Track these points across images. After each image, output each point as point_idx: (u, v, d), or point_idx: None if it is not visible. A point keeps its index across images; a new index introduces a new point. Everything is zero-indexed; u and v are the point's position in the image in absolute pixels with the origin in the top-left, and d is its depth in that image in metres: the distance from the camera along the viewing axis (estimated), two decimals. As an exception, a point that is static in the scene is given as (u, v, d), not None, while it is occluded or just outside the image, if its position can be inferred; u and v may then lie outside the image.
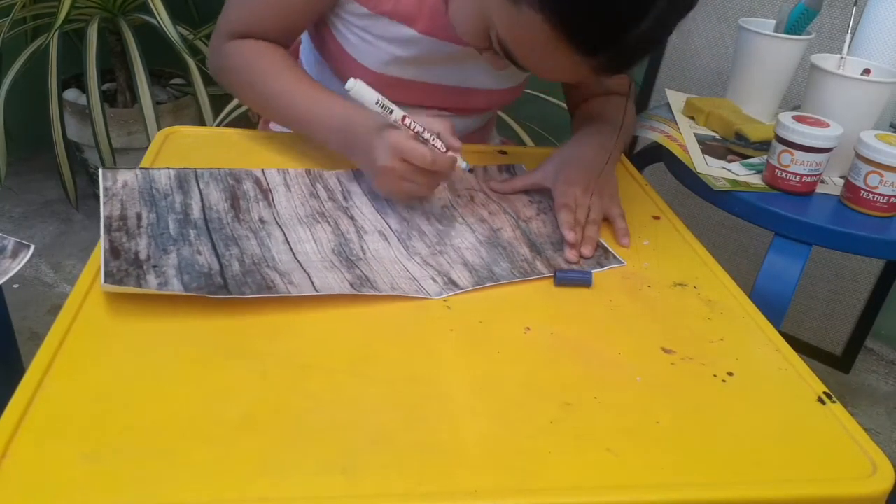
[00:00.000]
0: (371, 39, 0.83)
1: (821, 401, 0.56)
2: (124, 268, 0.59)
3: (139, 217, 0.67)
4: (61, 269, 1.80)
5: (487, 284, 0.65)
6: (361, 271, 0.64)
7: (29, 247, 0.90)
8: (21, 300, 1.64)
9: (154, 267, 0.60)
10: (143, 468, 0.43)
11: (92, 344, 0.53)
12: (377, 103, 0.67)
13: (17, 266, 0.87)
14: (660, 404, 0.54)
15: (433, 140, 0.69)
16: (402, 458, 0.46)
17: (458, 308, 0.62)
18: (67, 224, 1.99)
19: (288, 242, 0.67)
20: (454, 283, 0.65)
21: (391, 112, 0.67)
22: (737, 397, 0.56)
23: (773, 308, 0.75)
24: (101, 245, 0.61)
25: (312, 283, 0.61)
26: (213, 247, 0.64)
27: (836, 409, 0.56)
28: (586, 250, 0.72)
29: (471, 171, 0.74)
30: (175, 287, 0.57)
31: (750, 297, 0.69)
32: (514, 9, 0.61)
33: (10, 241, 0.91)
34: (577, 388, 0.54)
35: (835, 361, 1.63)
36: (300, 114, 0.79)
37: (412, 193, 0.72)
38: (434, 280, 0.65)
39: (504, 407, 0.52)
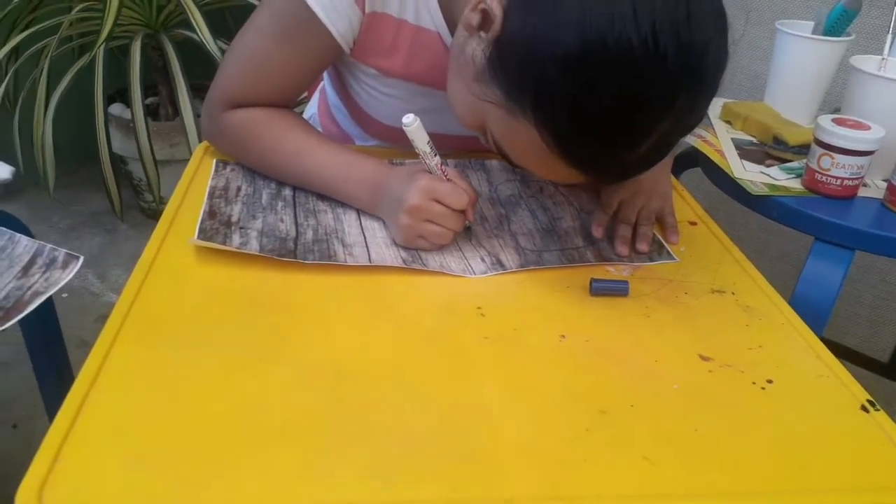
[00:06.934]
0: (382, 98, 0.83)
1: (864, 409, 0.55)
2: (215, 227, 0.69)
3: (239, 189, 0.77)
4: (107, 278, 1.85)
5: (532, 268, 0.68)
6: (417, 248, 0.69)
7: (78, 258, 0.93)
8: (69, 309, 1.69)
9: (241, 228, 0.69)
10: (184, 475, 0.45)
11: (137, 352, 0.54)
12: (428, 143, 0.68)
13: (67, 276, 0.90)
14: (697, 412, 0.54)
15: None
16: (438, 464, 0.47)
17: (492, 316, 0.62)
18: (113, 235, 2.04)
19: (360, 220, 0.74)
20: (500, 264, 0.68)
21: (436, 155, 0.68)
22: (776, 405, 0.55)
23: (814, 314, 0.73)
24: (202, 209, 0.72)
25: (369, 255, 0.67)
26: (295, 217, 0.73)
27: (880, 417, 0.54)
28: (642, 246, 0.74)
29: (468, 228, 0.73)
30: (253, 247, 0.66)
31: (790, 303, 0.68)
32: (510, 117, 0.59)
33: (61, 253, 0.94)
34: (613, 395, 0.54)
35: (882, 368, 1.58)
36: (322, 174, 0.76)
37: (434, 236, 0.69)
38: (483, 260, 0.69)
39: (539, 414, 0.52)
